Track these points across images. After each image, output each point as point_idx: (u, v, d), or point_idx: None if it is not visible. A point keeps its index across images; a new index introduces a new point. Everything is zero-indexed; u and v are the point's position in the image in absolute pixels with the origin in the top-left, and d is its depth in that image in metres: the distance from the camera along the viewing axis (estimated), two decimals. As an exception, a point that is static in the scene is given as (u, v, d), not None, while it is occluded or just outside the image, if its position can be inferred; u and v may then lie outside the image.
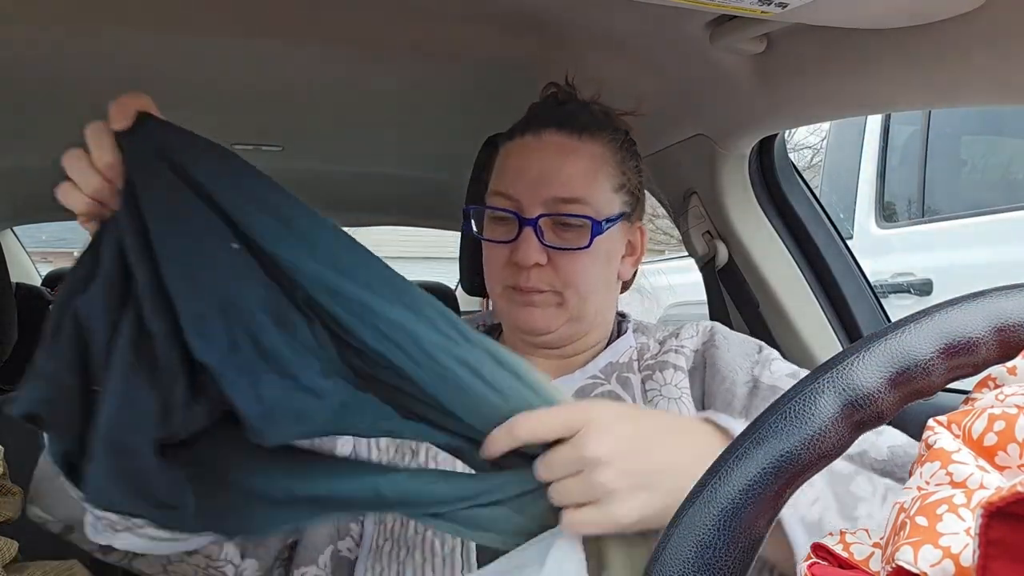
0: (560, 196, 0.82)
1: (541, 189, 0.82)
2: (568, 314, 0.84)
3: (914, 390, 0.38)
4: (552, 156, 0.83)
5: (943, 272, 2.48)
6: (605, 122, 0.88)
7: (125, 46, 0.99)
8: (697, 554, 0.36)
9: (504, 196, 0.84)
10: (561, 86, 0.93)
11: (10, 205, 1.98)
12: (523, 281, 0.82)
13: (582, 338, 0.88)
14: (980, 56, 0.72)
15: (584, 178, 0.83)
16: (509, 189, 0.83)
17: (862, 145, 2.91)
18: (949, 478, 0.34)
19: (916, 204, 2.76)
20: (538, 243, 0.81)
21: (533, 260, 0.81)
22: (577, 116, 0.86)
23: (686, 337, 0.89)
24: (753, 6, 0.69)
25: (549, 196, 0.82)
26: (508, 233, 0.83)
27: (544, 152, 0.84)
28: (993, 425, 0.34)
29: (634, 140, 0.92)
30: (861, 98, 0.91)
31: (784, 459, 0.37)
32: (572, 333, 0.86)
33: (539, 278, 0.82)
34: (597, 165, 0.85)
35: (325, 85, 1.15)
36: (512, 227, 0.83)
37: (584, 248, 0.82)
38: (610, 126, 0.88)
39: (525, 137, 0.85)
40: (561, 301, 0.83)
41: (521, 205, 0.82)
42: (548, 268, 0.82)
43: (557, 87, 0.93)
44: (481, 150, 1.08)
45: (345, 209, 2.33)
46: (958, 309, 0.39)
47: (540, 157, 0.83)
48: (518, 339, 0.88)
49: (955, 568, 0.30)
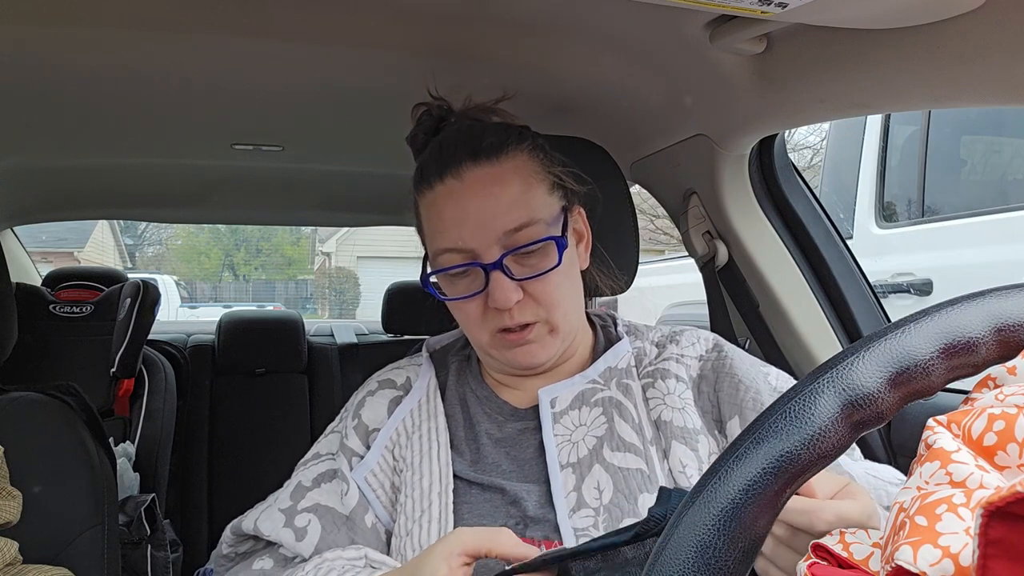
0: (509, 228, 0.79)
1: (489, 229, 0.78)
2: (560, 336, 0.84)
3: (914, 390, 0.38)
4: (484, 193, 0.79)
5: (943, 272, 2.48)
6: (505, 129, 0.84)
7: (125, 46, 0.99)
8: (697, 554, 0.36)
9: (453, 251, 0.80)
10: (430, 103, 0.89)
11: (10, 205, 1.97)
12: (508, 321, 0.80)
13: (568, 349, 0.88)
14: (980, 56, 0.72)
15: (522, 198, 0.80)
16: (456, 242, 0.80)
17: (862, 145, 2.91)
18: (949, 478, 0.34)
19: (916, 204, 2.76)
20: (510, 282, 0.79)
21: (513, 300, 0.79)
22: (483, 138, 0.82)
23: (687, 345, 0.89)
24: (753, 6, 0.69)
25: (499, 232, 0.79)
26: (474, 284, 0.81)
27: (474, 192, 0.80)
28: (993, 425, 0.34)
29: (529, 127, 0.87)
30: (861, 98, 0.91)
31: (784, 459, 0.37)
32: (564, 349, 0.87)
33: (522, 313, 0.80)
34: (525, 179, 0.81)
35: (325, 85, 1.15)
36: (476, 278, 0.81)
37: (556, 267, 0.80)
38: (512, 130, 0.84)
39: (446, 182, 0.81)
40: (552, 328, 0.83)
41: (476, 252, 0.79)
42: (527, 300, 0.81)
43: (427, 105, 0.89)
44: None
45: (345, 209, 2.33)
46: (958, 309, 0.39)
47: (473, 198, 0.80)
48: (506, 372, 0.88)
49: (954, 567, 0.30)
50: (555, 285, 0.81)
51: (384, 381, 0.93)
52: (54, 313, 2.06)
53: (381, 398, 0.91)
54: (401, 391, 0.91)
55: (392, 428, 0.87)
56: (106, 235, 15.97)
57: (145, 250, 22.42)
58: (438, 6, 0.92)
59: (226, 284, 22.74)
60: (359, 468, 0.86)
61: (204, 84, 1.15)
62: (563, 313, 0.83)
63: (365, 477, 0.85)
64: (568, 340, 0.86)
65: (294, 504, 0.85)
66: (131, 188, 1.92)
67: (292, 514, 0.84)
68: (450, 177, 0.81)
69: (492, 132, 0.83)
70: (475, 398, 0.89)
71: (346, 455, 0.87)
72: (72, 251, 12.93)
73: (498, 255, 0.79)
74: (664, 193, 1.38)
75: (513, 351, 0.83)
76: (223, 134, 1.45)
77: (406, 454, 0.85)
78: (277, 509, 0.85)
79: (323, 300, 19.37)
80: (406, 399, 0.90)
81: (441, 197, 0.81)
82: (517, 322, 0.80)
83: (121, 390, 2.02)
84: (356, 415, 0.90)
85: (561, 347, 0.85)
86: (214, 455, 2.31)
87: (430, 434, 0.85)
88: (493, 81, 1.13)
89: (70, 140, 1.44)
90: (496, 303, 0.79)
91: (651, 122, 1.22)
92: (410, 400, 0.90)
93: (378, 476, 0.86)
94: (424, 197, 0.84)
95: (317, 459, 0.90)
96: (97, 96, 1.18)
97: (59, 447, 1.11)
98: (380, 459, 0.86)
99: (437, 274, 0.83)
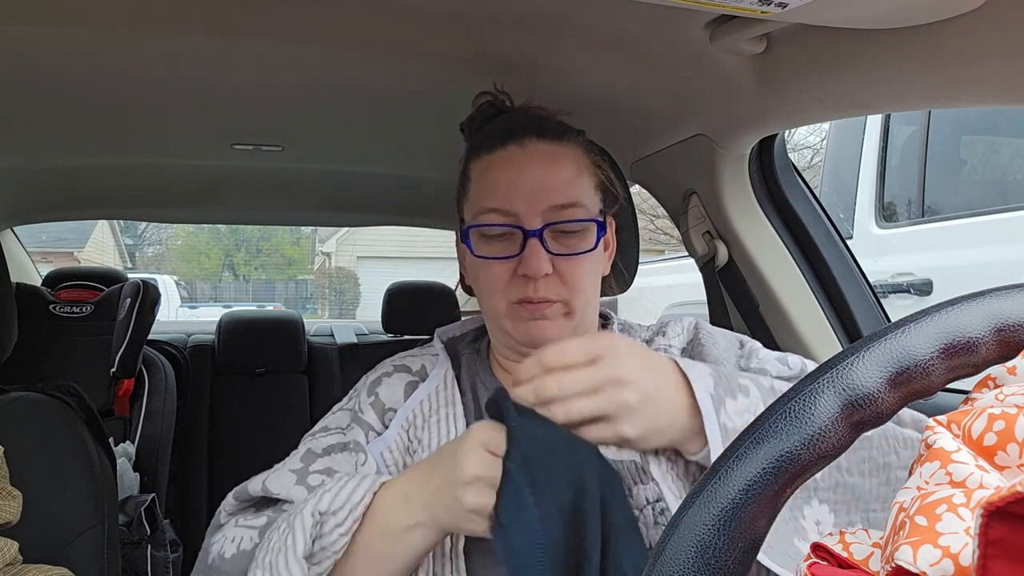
0: (558, 203, 0.82)
1: (538, 199, 0.82)
2: (573, 322, 0.85)
3: (914, 390, 0.38)
4: (542, 164, 0.83)
5: (943, 272, 2.48)
6: (567, 126, 0.88)
7: (125, 46, 0.99)
8: (697, 554, 0.36)
9: (498, 211, 0.83)
10: (495, 94, 0.93)
11: (10, 205, 1.97)
12: (532, 293, 0.82)
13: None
14: (980, 56, 0.72)
15: (574, 182, 0.84)
16: (504, 203, 0.82)
17: (862, 145, 2.91)
18: (949, 478, 0.34)
19: (916, 204, 2.76)
20: (545, 253, 0.81)
21: (544, 270, 0.81)
22: (549, 122, 0.87)
23: (673, 336, 0.90)
24: (753, 6, 0.69)
25: (547, 205, 0.82)
26: (509, 248, 0.83)
27: (533, 161, 0.83)
28: (993, 425, 0.34)
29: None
30: (861, 98, 0.91)
31: (784, 459, 0.37)
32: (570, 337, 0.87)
33: (547, 288, 0.82)
34: (579, 168, 0.85)
35: (325, 85, 1.15)
36: (512, 242, 0.83)
37: (590, 251, 0.83)
38: (572, 128, 0.89)
39: (508, 148, 0.84)
40: (569, 311, 0.84)
41: (520, 218, 0.82)
42: (554, 277, 0.82)
43: (491, 95, 0.93)
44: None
45: (345, 209, 2.33)
46: (958, 309, 0.39)
47: (530, 167, 0.83)
48: (517, 350, 0.88)
49: (954, 568, 0.30)
50: (584, 271, 0.84)
51: (399, 366, 0.93)
52: (54, 313, 2.06)
53: (398, 380, 0.91)
54: (417, 377, 0.92)
55: (409, 410, 0.87)
56: (106, 235, 15.97)
57: (145, 250, 22.43)
58: (438, 6, 0.92)
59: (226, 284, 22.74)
60: (376, 442, 0.86)
61: (204, 84, 1.15)
62: (583, 301, 0.84)
63: (381, 452, 0.85)
64: (578, 331, 0.86)
65: (305, 466, 0.84)
66: (131, 188, 1.92)
67: (304, 474, 0.83)
68: (513, 144, 0.85)
69: (556, 120, 0.88)
70: (484, 389, 0.90)
71: (363, 428, 0.87)
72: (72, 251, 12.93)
73: (540, 224, 0.82)
74: (664, 193, 1.38)
75: (527, 324, 0.84)
76: (223, 134, 1.45)
77: (423, 436, 0.85)
78: (288, 470, 0.84)
79: (323, 300, 19.37)
80: (423, 385, 0.90)
81: (500, 160, 0.85)
82: (540, 296, 0.82)
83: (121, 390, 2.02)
84: (372, 392, 0.90)
85: (570, 334, 0.85)
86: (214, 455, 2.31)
87: (448, 419, 0.85)
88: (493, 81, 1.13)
89: (70, 140, 1.44)
90: (527, 269, 0.81)
91: (651, 122, 1.22)
92: (427, 386, 0.90)
93: (393, 453, 0.85)
94: (480, 160, 0.87)
95: (326, 432, 0.90)
96: (97, 96, 1.18)
97: (59, 447, 1.11)
98: (397, 437, 0.86)
99: (475, 228, 0.85)
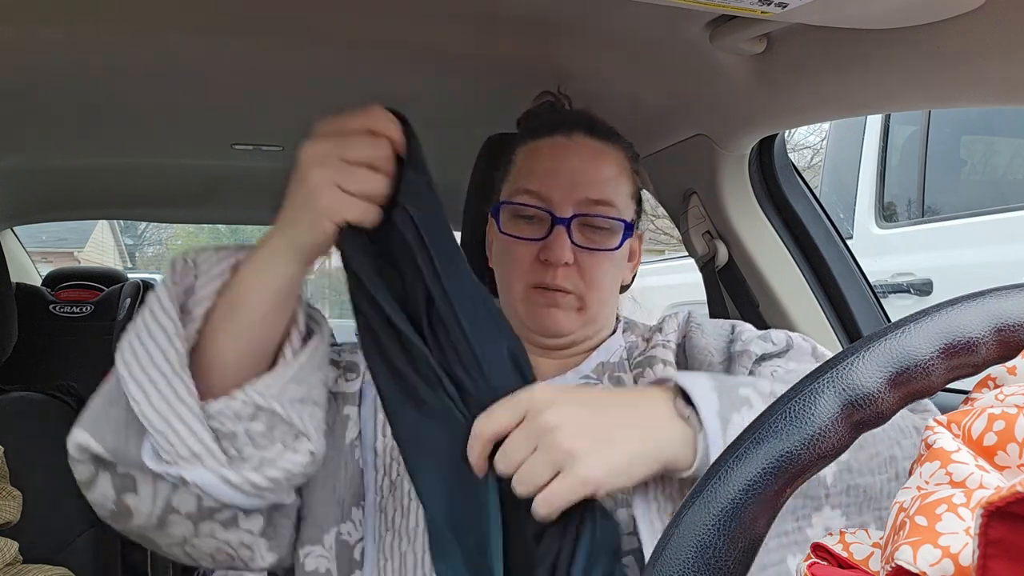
0: (592, 198, 0.83)
1: (574, 189, 0.83)
2: (585, 318, 0.85)
3: (914, 390, 0.38)
4: (585, 157, 0.85)
5: (943, 272, 2.48)
6: (617, 132, 0.90)
7: (125, 46, 0.99)
8: (697, 554, 0.36)
9: (533, 194, 0.84)
10: (556, 94, 0.94)
11: (10, 205, 1.97)
12: (549, 280, 0.83)
13: (586, 340, 0.89)
14: (980, 56, 0.72)
15: (612, 182, 0.85)
16: (540, 187, 0.84)
17: (862, 145, 2.91)
18: (949, 478, 0.34)
19: (916, 204, 2.76)
20: (569, 242, 0.82)
21: (565, 258, 0.82)
22: (599, 122, 0.89)
23: (670, 331, 0.90)
24: (753, 6, 0.69)
25: (582, 197, 0.83)
26: (537, 231, 0.84)
27: (577, 153, 0.85)
28: (993, 425, 0.34)
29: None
30: (861, 98, 0.91)
31: (784, 459, 0.37)
32: (582, 336, 0.87)
33: (565, 278, 0.83)
34: (620, 171, 0.87)
35: (325, 85, 1.15)
36: (540, 225, 0.84)
37: (613, 250, 0.84)
38: (621, 135, 0.90)
39: (555, 137, 0.86)
40: (582, 305, 0.85)
41: (552, 204, 0.83)
42: (574, 269, 0.83)
43: (552, 95, 0.94)
44: (484, 148, 1.07)
45: (345, 209, 2.33)
46: (958, 309, 0.39)
47: (573, 158, 0.85)
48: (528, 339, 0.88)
49: (954, 568, 0.30)
50: (604, 269, 0.85)
51: None
52: (54, 313, 2.06)
53: None
54: None
55: None
56: (106, 235, 15.95)
57: (145, 250, 22.40)
58: (439, 6, 0.92)
59: (226, 284, 22.63)
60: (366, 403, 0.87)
61: (204, 84, 1.15)
62: (599, 299, 0.85)
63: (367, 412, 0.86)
64: (590, 328, 0.87)
65: None
66: (131, 188, 1.92)
67: None
68: (560, 135, 0.86)
69: (603, 122, 0.90)
70: None
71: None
72: (72, 251, 12.92)
73: (570, 214, 0.83)
74: (664, 193, 1.38)
75: (540, 310, 0.84)
76: (223, 134, 1.45)
77: None
78: None
79: (323, 300, 19.35)
80: None
81: (545, 147, 0.87)
82: (557, 284, 0.83)
83: (121, 390, 2.02)
84: None
85: (581, 331, 0.86)
86: (214, 455, 2.30)
87: None
88: (493, 81, 1.13)
89: (70, 140, 1.44)
90: (549, 255, 0.82)
91: (651, 122, 1.22)
92: None
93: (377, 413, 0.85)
94: (526, 145, 0.89)
95: None
96: (97, 96, 1.18)
97: (59, 447, 1.11)
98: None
99: (508, 204, 0.86)
